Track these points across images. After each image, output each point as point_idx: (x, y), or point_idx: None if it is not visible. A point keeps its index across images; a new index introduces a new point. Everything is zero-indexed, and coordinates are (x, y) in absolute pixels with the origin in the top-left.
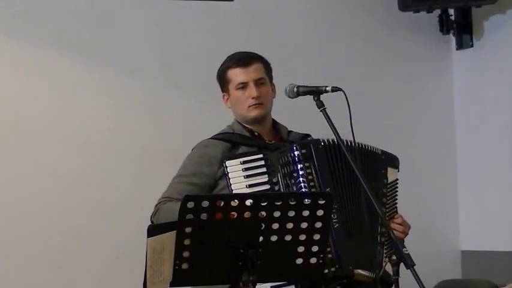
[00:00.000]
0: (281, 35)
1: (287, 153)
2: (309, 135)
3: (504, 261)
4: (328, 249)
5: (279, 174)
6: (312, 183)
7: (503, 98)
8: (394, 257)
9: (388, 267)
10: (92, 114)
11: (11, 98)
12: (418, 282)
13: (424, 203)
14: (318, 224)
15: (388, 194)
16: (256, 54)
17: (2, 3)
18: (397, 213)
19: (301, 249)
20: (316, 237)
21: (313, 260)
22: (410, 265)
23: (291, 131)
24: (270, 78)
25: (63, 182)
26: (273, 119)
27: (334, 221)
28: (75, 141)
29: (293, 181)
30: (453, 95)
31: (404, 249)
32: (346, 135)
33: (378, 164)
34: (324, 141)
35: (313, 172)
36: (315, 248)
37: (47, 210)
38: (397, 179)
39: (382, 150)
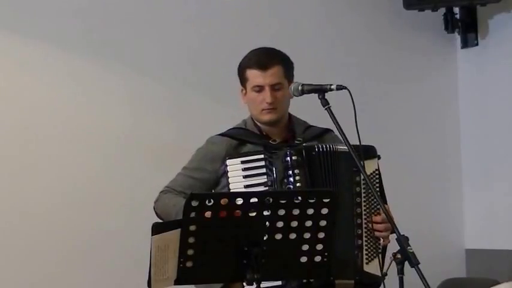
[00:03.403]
0: (285, 34)
1: (281, 158)
2: (329, 130)
3: (508, 260)
4: None
5: (274, 178)
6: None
7: (508, 97)
8: (398, 255)
9: (375, 268)
10: (109, 113)
11: (28, 98)
12: (422, 281)
13: (429, 201)
14: (323, 223)
15: (363, 192)
16: (279, 54)
17: (19, 1)
18: (386, 203)
19: (305, 247)
20: (321, 235)
21: (317, 258)
22: (414, 263)
23: (309, 126)
24: (290, 78)
25: (79, 182)
26: (290, 115)
27: None
28: (91, 140)
29: (284, 187)
30: (458, 94)
31: (408, 247)
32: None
33: (345, 163)
34: (318, 147)
35: (303, 179)
36: (319, 246)
37: (62, 210)
38: (376, 170)
39: (354, 146)
